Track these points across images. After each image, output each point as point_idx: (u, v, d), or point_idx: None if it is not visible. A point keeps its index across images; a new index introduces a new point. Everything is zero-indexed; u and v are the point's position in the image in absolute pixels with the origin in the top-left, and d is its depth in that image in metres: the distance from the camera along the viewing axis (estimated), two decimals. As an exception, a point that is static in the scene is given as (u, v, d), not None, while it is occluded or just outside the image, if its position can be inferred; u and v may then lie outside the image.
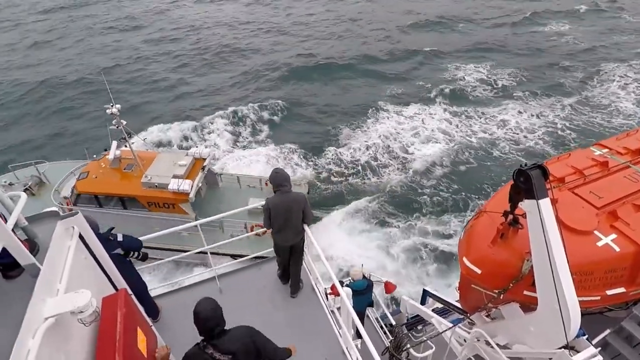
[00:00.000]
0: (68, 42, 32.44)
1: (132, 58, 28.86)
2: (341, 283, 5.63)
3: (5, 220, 2.08)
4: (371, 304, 7.07)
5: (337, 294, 4.16)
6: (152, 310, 4.95)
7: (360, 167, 17.51)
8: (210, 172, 12.80)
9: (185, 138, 19.75)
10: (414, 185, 16.37)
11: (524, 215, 3.92)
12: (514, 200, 3.98)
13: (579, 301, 3.72)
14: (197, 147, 14.64)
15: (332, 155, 18.18)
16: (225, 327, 3.02)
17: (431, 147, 18.41)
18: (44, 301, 1.98)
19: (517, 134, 19.01)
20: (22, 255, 2.05)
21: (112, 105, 10.72)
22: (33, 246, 2.39)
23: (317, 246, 4.65)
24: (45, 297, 2.01)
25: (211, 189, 13.12)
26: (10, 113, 22.76)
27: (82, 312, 1.99)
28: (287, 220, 4.58)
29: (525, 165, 3.62)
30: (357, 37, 31.02)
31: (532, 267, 3.98)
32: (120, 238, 4.38)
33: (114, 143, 11.93)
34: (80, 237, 2.63)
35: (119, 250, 4.29)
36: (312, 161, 17.93)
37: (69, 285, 2.20)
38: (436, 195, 15.88)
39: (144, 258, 4.72)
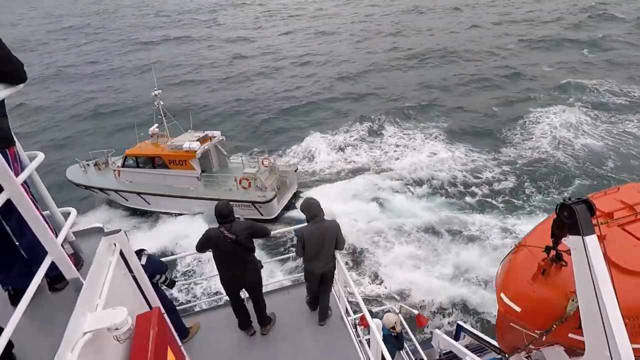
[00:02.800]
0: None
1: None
2: (371, 313, 5.48)
3: (56, 234, 2.21)
4: None
5: (367, 326, 4.04)
6: (180, 330, 5.01)
7: (523, 168, 18.86)
8: (222, 154, 17.34)
9: (359, 140, 22.62)
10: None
11: (568, 252, 3.69)
12: (557, 235, 3.77)
13: (634, 349, 3.40)
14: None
15: (500, 152, 20.15)
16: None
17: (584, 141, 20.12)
18: (84, 315, 2.06)
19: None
20: (68, 270, 2.16)
21: (155, 89, 15.37)
22: (78, 260, 2.52)
23: (347, 274, 4.59)
24: (86, 312, 2.09)
25: (222, 166, 17.55)
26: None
27: (117, 329, 2.05)
28: (320, 249, 4.57)
29: (569, 199, 3.44)
30: (488, 39, 37.58)
31: (577, 307, 3.71)
32: (143, 262, 4.34)
33: (155, 125, 16.64)
34: (121, 253, 2.75)
35: None
36: (483, 158, 19.97)
37: (108, 300, 2.28)
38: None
39: (171, 285, 4.80)
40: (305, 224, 4.71)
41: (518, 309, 4.26)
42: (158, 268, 4.61)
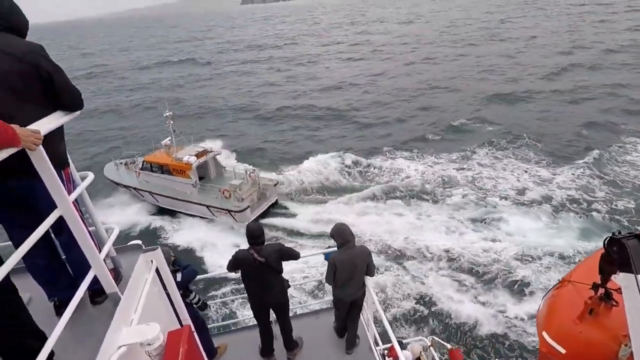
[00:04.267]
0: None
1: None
2: (401, 344, 5.26)
3: (99, 249, 2.34)
4: None
5: (396, 357, 3.89)
6: (209, 349, 5.03)
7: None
8: (219, 165, 20.73)
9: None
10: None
11: (618, 290, 3.41)
12: (606, 271, 3.50)
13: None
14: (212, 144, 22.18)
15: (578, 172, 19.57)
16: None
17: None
18: (120, 330, 2.14)
19: None
20: (108, 284, 2.26)
21: (167, 110, 19.60)
22: (117, 275, 2.64)
23: (377, 301, 4.48)
24: (122, 326, 2.17)
25: (219, 176, 20.82)
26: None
27: (150, 344, 2.11)
28: (351, 276, 4.51)
29: (619, 233, 3.21)
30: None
31: (631, 353, 3.38)
32: (178, 279, 4.40)
33: (168, 138, 20.38)
34: (156, 270, 2.85)
35: None
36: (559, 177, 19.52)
37: (142, 316, 2.36)
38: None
39: (203, 307, 4.89)
40: (335, 248, 4.68)
41: (563, 351, 3.95)
42: (191, 277, 4.67)
